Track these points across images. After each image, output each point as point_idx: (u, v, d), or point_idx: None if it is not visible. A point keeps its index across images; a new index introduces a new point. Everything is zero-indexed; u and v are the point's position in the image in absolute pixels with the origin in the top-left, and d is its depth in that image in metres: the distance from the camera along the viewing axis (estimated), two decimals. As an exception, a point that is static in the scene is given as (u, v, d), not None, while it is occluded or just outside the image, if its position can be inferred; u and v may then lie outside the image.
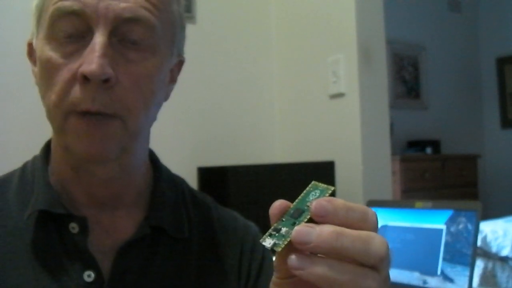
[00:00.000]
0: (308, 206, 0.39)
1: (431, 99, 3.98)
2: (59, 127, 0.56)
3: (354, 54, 1.88)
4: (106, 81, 0.53)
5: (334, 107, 1.99)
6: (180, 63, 0.68)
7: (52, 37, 0.55)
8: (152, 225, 0.62)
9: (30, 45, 0.63)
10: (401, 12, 3.69)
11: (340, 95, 1.96)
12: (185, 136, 2.08)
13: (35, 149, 0.68)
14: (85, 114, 0.54)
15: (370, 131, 1.89)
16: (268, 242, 0.38)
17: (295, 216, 0.38)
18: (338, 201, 0.37)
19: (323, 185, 0.41)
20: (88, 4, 0.54)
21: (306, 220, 0.38)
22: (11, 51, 1.67)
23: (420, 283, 1.05)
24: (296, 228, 0.36)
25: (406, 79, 3.87)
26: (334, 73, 1.97)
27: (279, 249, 0.37)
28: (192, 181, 1.80)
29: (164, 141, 2.01)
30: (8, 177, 0.65)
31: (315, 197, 0.39)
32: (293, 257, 0.36)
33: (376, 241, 0.37)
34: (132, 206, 0.64)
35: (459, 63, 4.21)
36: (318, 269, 0.35)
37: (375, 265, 0.37)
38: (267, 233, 0.38)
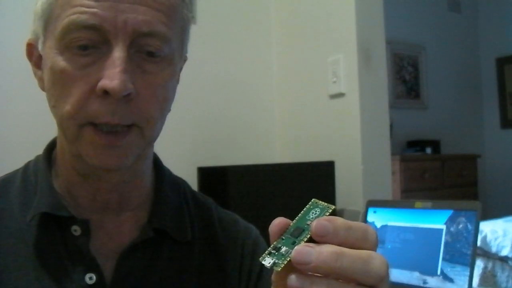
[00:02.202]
0: (308, 224, 0.39)
1: (431, 99, 3.98)
2: (73, 137, 0.56)
3: (354, 54, 1.88)
4: (126, 95, 0.53)
5: (334, 107, 1.99)
6: (184, 61, 0.68)
7: (65, 47, 0.54)
8: (155, 228, 0.62)
9: (30, 46, 0.62)
10: (401, 12, 3.69)
11: (340, 95, 1.96)
12: (185, 136, 2.08)
13: (36, 148, 0.68)
14: (102, 126, 0.54)
15: (370, 131, 1.89)
16: (267, 262, 0.38)
17: (295, 235, 0.38)
18: (338, 220, 0.37)
19: (323, 203, 0.40)
20: (106, 19, 0.53)
21: (306, 239, 0.38)
22: (11, 51, 1.67)
23: (420, 283, 1.05)
24: (296, 248, 0.36)
25: (406, 79, 3.87)
26: (334, 73, 1.97)
27: (279, 269, 0.37)
28: (192, 181, 1.80)
29: (164, 141, 2.00)
30: (10, 177, 0.65)
31: (316, 215, 0.39)
32: (293, 277, 0.36)
33: (376, 261, 0.37)
34: (137, 209, 0.64)
35: (459, 63, 4.21)
36: None
37: (374, 285, 0.37)
38: (266, 252, 0.38)
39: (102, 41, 0.53)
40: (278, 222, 0.39)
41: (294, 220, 0.40)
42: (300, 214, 0.40)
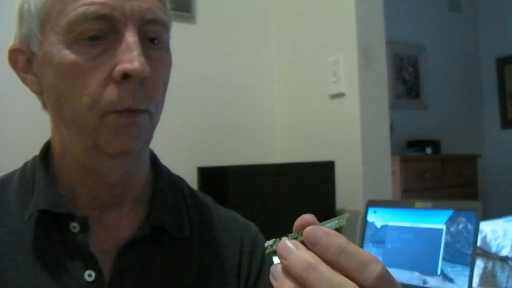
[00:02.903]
0: None
1: (431, 99, 3.98)
2: (92, 128, 0.56)
3: (354, 54, 1.88)
4: (143, 78, 0.55)
5: (334, 107, 1.99)
6: None
7: (73, 41, 0.55)
8: (153, 224, 0.62)
9: (14, 52, 0.61)
10: (401, 12, 3.69)
11: (340, 95, 1.96)
12: (185, 136, 2.08)
13: (35, 148, 0.68)
14: (122, 112, 0.55)
15: (370, 131, 1.89)
16: (267, 242, 0.39)
17: (302, 233, 0.38)
18: (337, 239, 0.36)
19: (344, 219, 0.39)
20: (115, 7, 0.54)
21: (302, 239, 0.37)
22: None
23: (420, 283, 1.06)
24: (284, 241, 0.37)
25: (406, 79, 3.87)
26: (334, 73, 1.97)
27: (266, 251, 0.39)
28: (192, 181, 1.80)
29: (164, 141, 2.01)
30: (8, 177, 0.66)
31: (328, 226, 0.39)
32: (277, 266, 0.37)
33: None
34: (136, 202, 0.65)
35: (459, 63, 4.21)
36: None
37: None
38: (280, 237, 0.39)
39: (110, 30, 0.55)
40: (305, 219, 0.39)
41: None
42: (326, 220, 0.40)
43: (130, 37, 0.54)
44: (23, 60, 0.60)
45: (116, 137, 0.56)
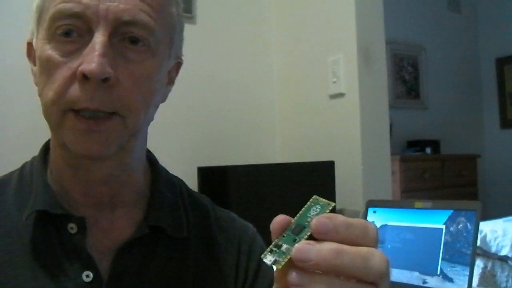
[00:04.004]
0: (308, 222, 0.39)
1: (431, 99, 3.98)
2: (56, 124, 0.57)
3: (354, 54, 1.88)
4: (105, 80, 0.54)
5: (334, 107, 1.99)
6: (178, 64, 0.69)
7: (51, 36, 0.56)
8: (151, 225, 0.62)
9: (29, 45, 0.64)
10: (401, 12, 3.69)
11: (340, 95, 1.96)
12: (185, 136, 2.08)
13: (36, 148, 0.68)
14: (83, 112, 0.54)
15: (370, 131, 1.89)
16: (268, 259, 0.38)
17: (296, 232, 0.38)
18: (338, 218, 0.37)
19: (324, 200, 0.40)
20: (88, 6, 0.54)
21: (306, 236, 0.38)
22: (11, 51, 1.67)
23: (420, 283, 1.06)
24: (296, 246, 0.36)
25: (406, 79, 3.87)
26: (334, 73, 1.97)
27: (280, 267, 0.37)
28: (192, 181, 1.80)
29: (164, 141, 2.01)
30: (7, 178, 0.66)
31: (316, 213, 0.39)
32: (293, 274, 0.36)
33: (376, 258, 0.37)
34: (131, 206, 0.64)
35: (459, 63, 4.21)
36: (317, 287, 0.36)
37: (375, 282, 0.37)
38: (268, 249, 0.39)
39: (86, 29, 0.55)
40: (279, 219, 0.39)
41: (295, 217, 0.40)
42: (301, 211, 0.40)
43: (97, 38, 0.54)
44: (34, 53, 0.62)
45: (76, 139, 0.55)
